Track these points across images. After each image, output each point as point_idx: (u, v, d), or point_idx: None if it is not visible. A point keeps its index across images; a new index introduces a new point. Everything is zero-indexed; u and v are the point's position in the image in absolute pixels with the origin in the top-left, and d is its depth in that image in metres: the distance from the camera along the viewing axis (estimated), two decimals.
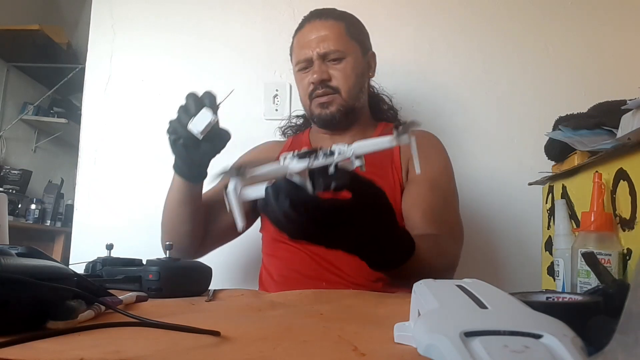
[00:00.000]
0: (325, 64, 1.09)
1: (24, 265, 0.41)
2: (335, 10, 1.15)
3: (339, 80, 1.09)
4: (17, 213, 3.14)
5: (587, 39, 1.45)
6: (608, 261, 0.63)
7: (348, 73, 1.09)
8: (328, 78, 1.09)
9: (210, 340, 0.39)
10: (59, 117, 3.47)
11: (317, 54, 1.08)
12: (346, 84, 1.09)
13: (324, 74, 1.08)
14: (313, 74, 1.09)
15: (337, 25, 1.10)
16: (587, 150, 0.78)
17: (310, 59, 1.09)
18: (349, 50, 1.09)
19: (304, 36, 1.12)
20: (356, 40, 1.12)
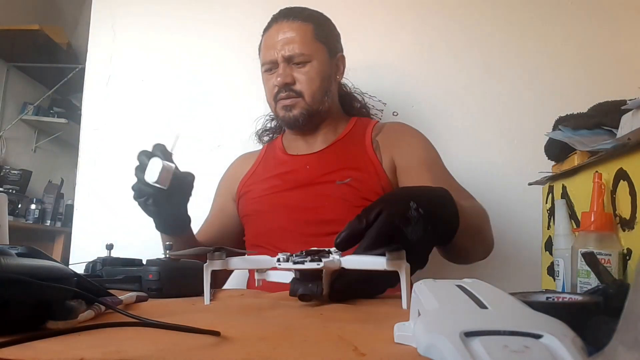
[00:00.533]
0: (290, 66, 1.08)
1: (24, 265, 0.41)
2: (305, 10, 1.13)
3: (303, 84, 1.08)
4: (17, 213, 3.14)
5: (587, 39, 1.45)
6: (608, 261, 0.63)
7: (312, 77, 1.08)
8: (292, 82, 1.08)
9: (210, 340, 0.39)
10: (59, 117, 3.47)
11: (282, 57, 1.08)
12: (310, 88, 1.08)
13: (287, 78, 1.08)
14: (277, 77, 1.08)
15: (304, 27, 1.09)
16: (587, 150, 0.78)
17: (275, 61, 1.09)
18: (314, 53, 1.09)
19: (270, 37, 1.11)
20: (323, 43, 1.11)
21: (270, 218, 1.08)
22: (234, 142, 1.53)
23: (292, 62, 1.08)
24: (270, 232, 1.07)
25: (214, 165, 1.52)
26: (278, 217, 1.07)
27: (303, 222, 1.04)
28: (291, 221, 1.05)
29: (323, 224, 1.02)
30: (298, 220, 1.04)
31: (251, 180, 1.19)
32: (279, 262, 0.62)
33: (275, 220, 1.07)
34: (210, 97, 1.55)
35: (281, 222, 1.06)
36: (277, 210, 1.08)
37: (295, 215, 1.05)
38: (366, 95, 1.32)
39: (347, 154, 1.11)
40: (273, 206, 1.09)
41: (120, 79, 1.58)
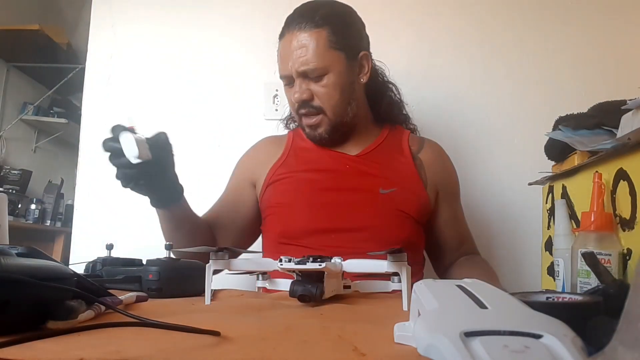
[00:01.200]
0: (306, 81, 1.03)
1: (24, 265, 0.41)
2: (318, 11, 1.03)
3: (322, 99, 1.03)
4: (17, 213, 3.14)
5: (587, 39, 1.45)
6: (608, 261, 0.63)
7: (331, 91, 1.02)
8: (310, 98, 1.03)
9: (210, 340, 0.39)
10: (59, 117, 3.47)
11: (297, 72, 1.02)
12: (329, 102, 1.03)
13: (304, 94, 1.02)
14: (294, 94, 1.03)
15: (317, 36, 1.01)
16: (587, 150, 0.78)
17: (291, 76, 1.04)
18: (331, 64, 1.01)
19: (284, 47, 1.05)
20: (340, 49, 1.03)
21: (307, 217, 1.03)
22: (234, 142, 1.53)
23: (308, 77, 1.03)
24: (305, 232, 1.02)
25: (214, 165, 1.52)
26: (315, 217, 1.02)
27: (341, 228, 1.01)
28: (329, 224, 1.01)
29: (359, 231, 1.00)
30: (336, 224, 1.01)
31: (283, 169, 1.10)
32: (280, 263, 0.62)
33: (312, 221, 1.02)
34: (210, 97, 1.55)
35: (319, 223, 1.01)
36: (314, 209, 1.03)
37: (334, 218, 1.01)
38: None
39: (388, 163, 1.09)
40: (311, 205, 1.04)
41: (120, 79, 1.58)
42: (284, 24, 1.07)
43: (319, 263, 0.60)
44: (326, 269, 0.60)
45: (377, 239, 0.98)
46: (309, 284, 0.61)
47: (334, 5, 1.08)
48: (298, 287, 0.61)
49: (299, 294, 0.61)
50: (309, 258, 0.61)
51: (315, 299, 0.61)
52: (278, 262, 0.63)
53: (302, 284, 0.61)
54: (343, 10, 1.08)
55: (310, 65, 1.01)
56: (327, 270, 0.61)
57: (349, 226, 1.00)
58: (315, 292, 0.60)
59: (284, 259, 0.63)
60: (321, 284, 0.61)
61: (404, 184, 1.06)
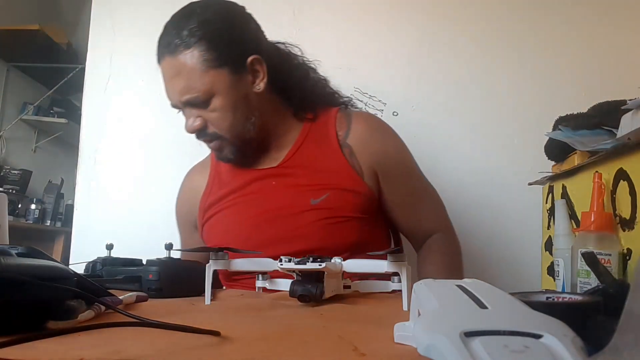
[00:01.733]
0: (194, 109, 0.92)
1: (24, 265, 0.41)
2: (187, 27, 0.89)
3: (215, 125, 0.93)
4: (17, 213, 3.14)
5: (587, 39, 1.45)
6: (608, 261, 0.63)
7: (222, 114, 0.92)
8: (203, 126, 0.93)
9: (210, 340, 0.39)
10: (59, 117, 3.47)
11: (181, 103, 0.92)
12: (223, 125, 0.93)
13: (196, 124, 0.93)
14: (186, 125, 0.94)
15: (189, 60, 0.89)
16: (587, 150, 0.78)
17: (178, 105, 0.94)
18: (213, 86, 0.90)
19: (163, 75, 0.94)
20: (221, 65, 0.90)
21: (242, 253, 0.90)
22: None
23: (193, 105, 0.92)
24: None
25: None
26: (251, 249, 0.87)
27: (280, 253, 0.79)
28: (267, 253, 0.80)
29: (301, 252, 0.81)
30: (274, 251, 0.80)
31: (210, 200, 1.03)
32: (280, 263, 0.62)
33: (249, 255, 0.86)
34: None
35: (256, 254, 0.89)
36: (248, 241, 0.93)
37: (268, 246, 0.88)
38: (366, 95, 1.29)
39: (315, 162, 0.98)
40: (245, 239, 0.95)
41: (120, 79, 1.58)
42: (157, 46, 0.94)
43: (319, 263, 0.60)
44: (326, 269, 0.60)
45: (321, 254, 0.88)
46: (309, 284, 0.61)
47: (206, 10, 0.93)
48: (298, 287, 0.61)
49: (299, 294, 0.61)
50: (309, 258, 0.61)
51: (315, 299, 0.61)
52: (278, 262, 0.63)
53: (302, 284, 0.61)
54: (217, 15, 0.93)
55: (190, 94, 0.90)
56: (327, 270, 0.61)
57: (287, 250, 0.82)
58: (315, 292, 0.60)
59: (284, 259, 0.63)
60: (321, 284, 0.61)
61: (337, 183, 0.95)
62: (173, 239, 0.78)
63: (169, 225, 1.50)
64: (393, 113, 1.47)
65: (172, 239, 0.78)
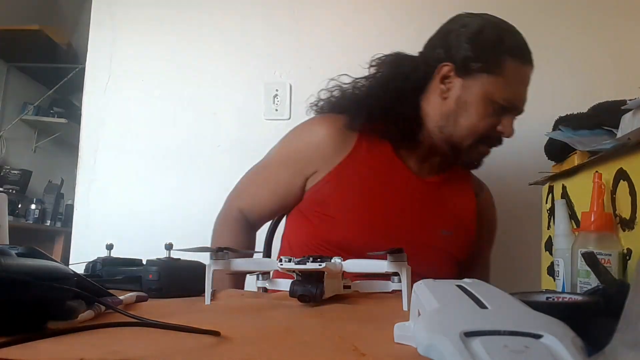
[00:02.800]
0: (513, 117, 1.01)
1: (24, 265, 0.41)
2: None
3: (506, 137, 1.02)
4: (17, 213, 3.14)
5: (587, 39, 1.45)
6: (608, 261, 0.63)
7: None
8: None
9: (210, 340, 0.39)
10: (59, 117, 3.46)
11: (518, 109, 1.01)
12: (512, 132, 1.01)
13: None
14: (507, 127, 0.99)
15: (530, 75, 1.02)
16: (587, 150, 0.78)
17: (515, 108, 1.00)
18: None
19: (520, 75, 1.00)
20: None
21: (364, 236, 0.96)
22: (234, 142, 1.53)
23: (517, 114, 1.01)
24: (356, 251, 0.83)
25: (213, 165, 1.52)
26: (373, 241, 0.92)
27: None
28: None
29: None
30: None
31: (349, 171, 1.00)
32: (280, 263, 0.62)
33: (369, 243, 0.89)
34: (210, 96, 1.55)
35: (374, 247, 0.86)
36: (375, 232, 0.97)
37: (388, 245, 0.87)
38: None
39: (453, 198, 1.07)
40: (372, 226, 0.98)
41: (120, 79, 1.58)
42: (524, 50, 1.01)
43: (319, 263, 0.60)
44: (326, 269, 0.60)
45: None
46: (309, 284, 0.61)
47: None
48: (298, 287, 0.61)
49: (299, 294, 0.61)
50: (309, 258, 0.61)
51: (315, 299, 0.60)
52: (278, 262, 0.63)
53: (302, 284, 0.61)
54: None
55: (524, 103, 1.02)
56: (327, 270, 0.61)
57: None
58: (315, 292, 0.60)
59: (284, 259, 0.63)
60: (321, 284, 0.61)
61: (462, 227, 1.05)
62: (173, 239, 0.78)
63: (169, 225, 1.50)
64: None
65: (172, 239, 0.78)
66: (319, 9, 1.53)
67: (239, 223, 1.08)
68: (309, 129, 1.06)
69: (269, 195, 1.06)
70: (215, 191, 1.53)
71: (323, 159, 1.01)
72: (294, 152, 1.05)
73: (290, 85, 1.51)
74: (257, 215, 1.08)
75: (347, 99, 1.06)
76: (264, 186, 1.07)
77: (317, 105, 1.12)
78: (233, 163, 1.51)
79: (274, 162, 1.08)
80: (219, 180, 1.51)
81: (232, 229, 1.08)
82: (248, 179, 1.11)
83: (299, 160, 1.03)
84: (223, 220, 1.10)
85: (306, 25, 1.52)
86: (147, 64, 1.58)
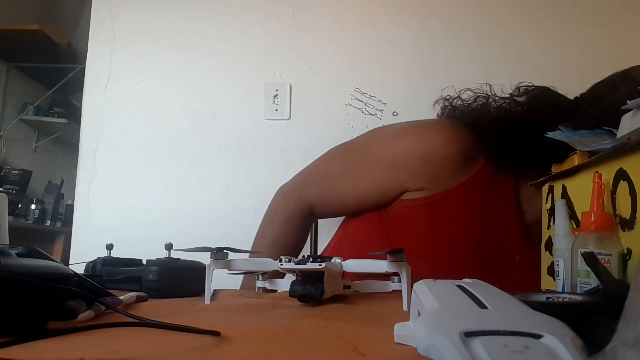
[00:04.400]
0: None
1: (24, 265, 0.41)
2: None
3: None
4: (17, 213, 3.14)
5: (587, 39, 1.45)
6: (608, 261, 0.63)
7: None
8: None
9: (210, 340, 0.39)
10: (59, 117, 3.47)
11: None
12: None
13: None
14: None
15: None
16: (587, 150, 0.78)
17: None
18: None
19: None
20: None
21: (452, 264, 0.85)
22: (234, 142, 1.53)
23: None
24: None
25: (213, 165, 1.52)
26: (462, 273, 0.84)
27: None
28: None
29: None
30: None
31: (458, 200, 0.85)
32: (280, 263, 0.62)
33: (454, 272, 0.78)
34: (210, 96, 1.55)
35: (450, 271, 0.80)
36: (464, 265, 0.85)
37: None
38: (366, 95, 1.29)
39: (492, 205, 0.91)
40: (465, 258, 0.86)
41: (120, 79, 1.58)
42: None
43: (319, 263, 0.60)
44: (326, 269, 0.60)
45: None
46: (309, 284, 0.61)
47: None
48: (298, 287, 0.61)
49: (299, 294, 0.61)
50: (309, 258, 0.61)
51: (315, 299, 0.60)
52: (278, 262, 0.63)
53: (302, 284, 0.61)
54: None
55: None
56: (327, 270, 0.61)
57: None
58: (315, 292, 0.60)
59: (284, 259, 0.63)
60: (321, 284, 0.61)
61: (504, 219, 0.91)
62: (173, 239, 0.78)
63: (169, 225, 1.50)
64: (393, 113, 1.47)
65: (172, 239, 0.78)
66: (319, 9, 1.53)
67: (304, 219, 0.95)
68: (431, 138, 0.87)
69: (357, 194, 0.92)
70: (215, 191, 1.53)
71: (436, 178, 0.86)
72: (403, 158, 0.88)
73: (290, 85, 1.51)
74: (330, 212, 0.97)
75: (487, 119, 0.88)
76: (353, 183, 0.92)
77: (448, 108, 0.96)
78: (233, 163, 1.52)
79: (373, 160, 0.91)
80: (219, 180, 1.51)
81: (294, 224, 0.95)
82: (328, 170, 0.95)
83: (404, 170, 0.88)
84: (283, 213, 0.96)
85: (306, 26, 1.52)
86: (147, 64, 1.58)
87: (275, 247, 0.93)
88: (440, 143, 0.85)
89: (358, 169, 0.91)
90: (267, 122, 1.51)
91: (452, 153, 0.84)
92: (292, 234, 0.95)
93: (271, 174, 1.47)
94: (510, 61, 1.47)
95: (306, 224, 0.98)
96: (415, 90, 1.48)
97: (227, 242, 1.14)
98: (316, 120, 1.49)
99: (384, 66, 1.50)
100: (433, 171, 0.85)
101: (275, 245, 0.93)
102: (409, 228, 0.87)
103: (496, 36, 1.48)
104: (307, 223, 0.98)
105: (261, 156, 1.51)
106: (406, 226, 0.87)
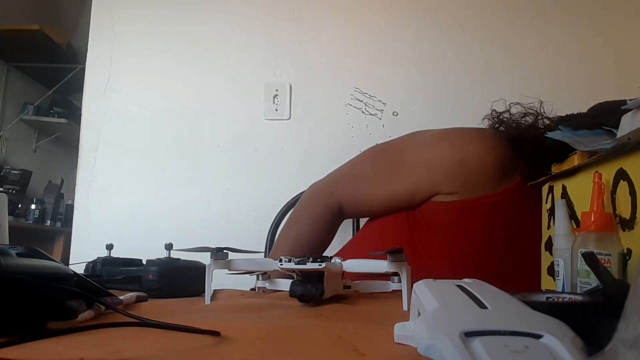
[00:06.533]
0: None
1: (24, 265, 0.41)
2: None
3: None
4: (17, 213, 3.14)
5: (587, 39, 1.45)
6: (608, 261, 0.63)
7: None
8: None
9: (210, 340, 0.39)
10: (59, 117, 3.47)
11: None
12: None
13: None
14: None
15: None
16: (587, 150, 0.78)
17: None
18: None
19: None
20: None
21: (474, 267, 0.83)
22: (234, 142, 1.53)
23: None
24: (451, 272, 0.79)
25: (213, 165, 1.52)
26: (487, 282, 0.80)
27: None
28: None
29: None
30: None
31: (493, 209, 0.84)
32: (280, 263, 0.62)
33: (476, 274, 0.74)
34: (210, 96, 1.55)
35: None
36: (483, 275, 0.83)
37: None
38: (366, 95, 1.29)
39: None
40: (485, 269, 0.84)
41: (120, 79, 1.58)
42: None
43: (319, 263, 0.60)
44: (326, 269, 0.60)
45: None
46: (309, 284, 0.61)
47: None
48: (298, 287, 0.61)
49: (299, 294, 0.60)
50: (309, 258, 0.61)
51: (315, 299, 0.60)
52: (278, 262, 0.63)
53: (302, 284, 0.61)
54: None
55: None
56: (327, 270, 0.61)
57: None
58: (315, 292, 0.60)
59: (284, 259, 0.63)
60: (321, 284, 0.61)
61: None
62: (173, 239, 0.78)
63: (169, 225, 1.50)
64: (393, 113, 1.47)
65: (172, 239, 0.78)
66: (319, 9, 1.53)
67: (333, 217, 0.94)
68: (471, 145, 0.86)
69: (389, 195, 0.90)
70: (215, 191, 1.53)
71: (469, 184, 0.85)
72: (440, 161, 0.87)
73: (290, 85, 1.51)
74: (360, 212, 0.96)
75: (530, 136, 0.87)
76: (386, 184, 0.90)
77: (495, 120, 0.93)
78: (233, 163, 1.52)
79: (410, 161, 0.89)
80: (219, 180, 1.51)
81: (321, 222, 0.94)
82: (362, 171, 0.94)
83: (439, 172, 0.86)
84: (312, 209, 0.95)
85: (306, 25, 1.52)
86: (147, 64, 1.58)
87: (298, 242, 0.92)
88: (479, 151, 0.84)
89: (393, 170, 0.90)
90: (267, 122, 1.51)
91: (489, 162, 0.83)
92: (318, 231, 0.94)
93: (271, 174, 1.48)
94: (510, 61, 1.47)
95: (334, 222, 0.97)
96: (415, 90, 1.48)
97: (227, 242, 1.14)
98: (316, 120, 1.50)
99: (384, 66, 1.50)
100: (468, 177, 0.84)
101: (298, 241, 0.93)
102: (433, 229, 0.86)
103: (496, 36, 1.48)
104: (335, 222, 0.97)
105: (261, 156, 1.51)
106: (430, 227, 0.86)
